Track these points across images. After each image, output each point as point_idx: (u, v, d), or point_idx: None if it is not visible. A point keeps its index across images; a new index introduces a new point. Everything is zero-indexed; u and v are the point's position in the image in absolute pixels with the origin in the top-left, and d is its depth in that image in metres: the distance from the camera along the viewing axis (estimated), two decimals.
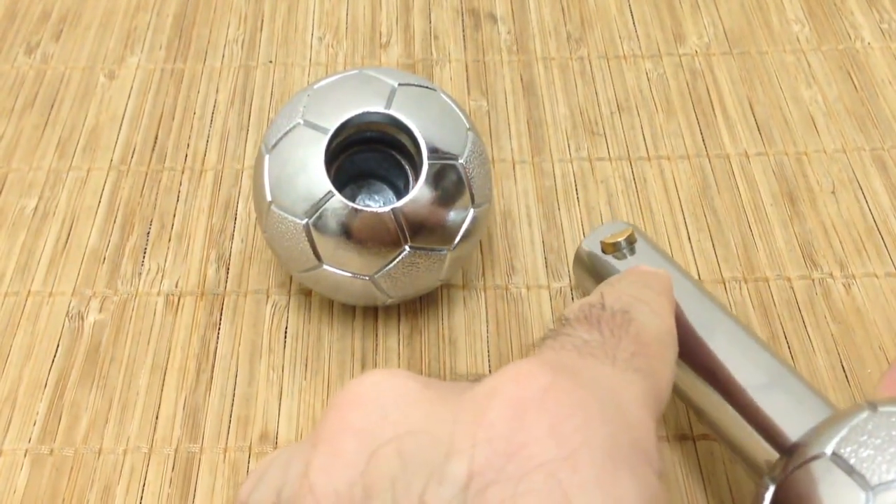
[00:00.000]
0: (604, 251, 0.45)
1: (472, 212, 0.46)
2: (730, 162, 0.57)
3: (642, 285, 0.36)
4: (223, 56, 0.64)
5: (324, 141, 0.45)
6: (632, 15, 0.66)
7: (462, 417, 0.24)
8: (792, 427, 0.35)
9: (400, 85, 0.47)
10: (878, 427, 0.30)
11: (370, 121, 0.46)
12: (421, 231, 0.45)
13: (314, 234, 0.45)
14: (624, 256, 0.44)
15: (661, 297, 0.35)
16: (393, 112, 0.46)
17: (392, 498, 0.23)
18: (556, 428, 0.24)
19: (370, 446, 0.24)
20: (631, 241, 0.44)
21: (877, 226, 0.53)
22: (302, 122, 0.46)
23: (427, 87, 0.48)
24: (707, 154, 0.57)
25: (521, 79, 0.62)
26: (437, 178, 0.45)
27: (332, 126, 0.45)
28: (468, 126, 0.47)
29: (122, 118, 0.60)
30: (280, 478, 0.26)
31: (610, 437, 0.24)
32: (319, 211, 0.44)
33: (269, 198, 0.46)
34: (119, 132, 0.59)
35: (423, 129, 0.46)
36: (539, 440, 0.23)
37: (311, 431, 0.26)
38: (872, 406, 0.31)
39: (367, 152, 0.49)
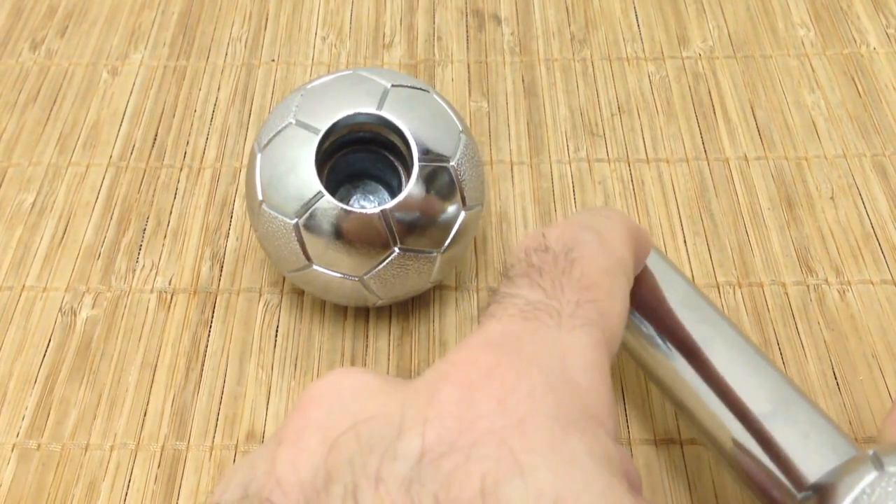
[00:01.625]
0: None
1: (463, 214, 0.46)
2: (729, 166, 0.56)
3: (590, 215, 0.34)
4: (226, 54, 0.64)
5: (315, 141, 0.45)
6: (636, 17, 0.66)
7: (412, 401, 0.25)
8: (808, 464, 0.34)
9: (393, 86, 0.47)
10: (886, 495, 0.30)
11: (361, 121, 0.46)
12: (411, 233, 0.45)
13: (304, 234, 0.45)
14: None
15: (610, 222, 0.34)
16: (384, 113, 0.46)
17: (351, 478, 0.23)
18: (503, 402, 0.24)
19: (331, 437, 0.25)
20: None
21: (874, 232, 0.53)
22: (294, 121, 0.46)
23: (420, 89, 0.48)
24: (706, 157, 0.57)
25: (523, 80, 0.62)
26: (427, 180, 0.45)
27: (324, 126, 0.45)
28: (461, 128, 0.47)
29: (123, 115, 0.60)
30: (247, 476, 0.26)
31: (556, 405, 0.24)
32: (309, 211, 0.45)
33: (260, 197, 0.46)
34: (119, 128, 0.59)
35: (414, 130, 0.46)
36: (487, 415, 0.24)
37: (276, 432, 0.26)
38: (878, 463, 0.31)
39: (362, 153, 0.49)
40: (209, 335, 0.50)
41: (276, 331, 0.50)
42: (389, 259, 0.45)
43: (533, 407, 0.24)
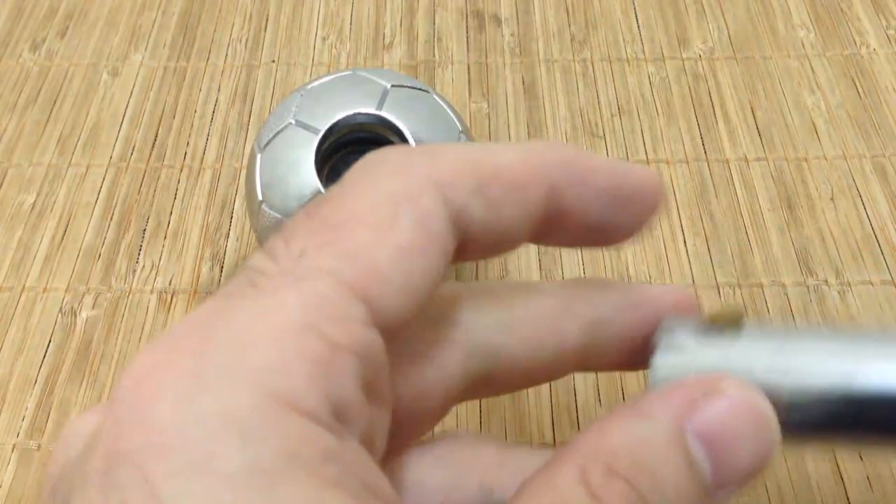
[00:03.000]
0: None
1: None
2: (729, 167, 0.56)
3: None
4: (226, 55, 0.64)
5: (314, 141, 0.45)
6: (636, 18, 0.66)
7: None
8: None
9: (392, 86, 0.47)
10: None
11: (361, 122, 0.46)
12: None
13: None
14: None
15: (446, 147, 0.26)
16: (384, 113, 0.46)
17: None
18: (146, 415, 0.20)
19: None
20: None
21: (874, 233, 0.53)
22: (294, 122, 0.46)
23: (420, 89, 0.48)
24: (706, 158, 0.57)
25: (523, 81, 0.62)
26: None
27: (323, 126, 0.46)
28: (461, 128, 0.47)
29: (124, 115, 0.60)
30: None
31: (219, 401, 0.20)
32: None
33: (260, 197, 0.46)
34: (120, 129, 0.59)
35: (413, 130, 0.46)
36: (132, 428, 0.20)
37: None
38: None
39: (361, 153, 0.49)
40: None
41: None
42: None
43: (180, 417, 0.20)
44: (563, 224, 0.27)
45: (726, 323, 0.27)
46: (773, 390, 0.25)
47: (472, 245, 0.25)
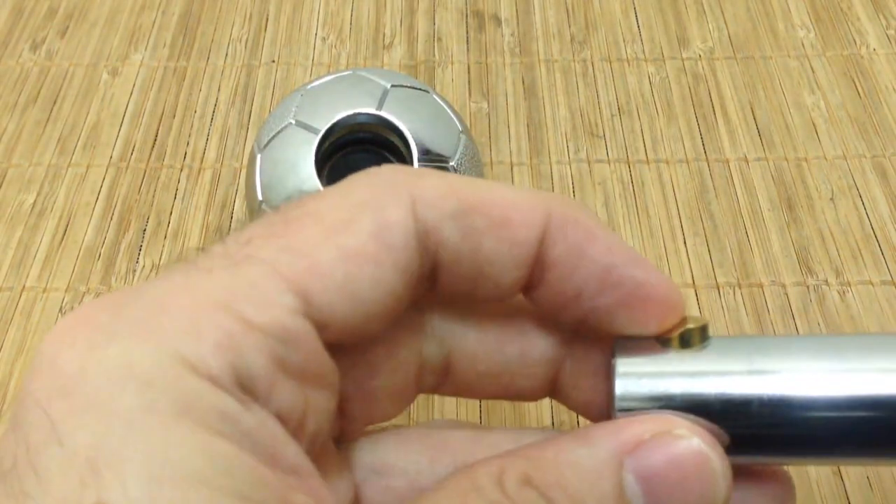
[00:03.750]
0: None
1: None
2: (729, 167, 0.56)
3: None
4: (226, 55, 0.64)
5: (314, 141, 0.45)
6: (636, 18, 0.66)
7: None
8: None
9: (392, 86, 0.47)
10: None
11: (361, 122, 0.46)
12: None
13: None
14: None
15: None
16: (384, 113, 0.46)
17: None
18: (55, 361, 0.21)
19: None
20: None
21: (874, 233, 0.53)
22: (293, 122, 0.46)
23: (420, 89, 0.48)
24: (706, 158, 0.57)
25: (523, 81, 0.62)
26: None
27: (323, 126, 0.45)
28: (461, 128, 0.47)
29: (124, 115, 0.60)
30: None
31: (125, 355, 0.21)
32: None
33: (260, 197, 0.46)
34: (120, 129, 0.59)
35: (414, 130, 0.46)
36: (37, 372, 0.21)
37: None
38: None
39: (361, 153, 0.49)
40: None
41: None
42: None
43: (85, 364, 0.21)
44: (548, 284, 0.26)
45: (690, 336, 0.26)
46: (736, 405, 0.25)
47: (446, 275, 0.25)
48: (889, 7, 0.65)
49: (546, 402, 0.47)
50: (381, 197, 0.24)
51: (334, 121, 0.46)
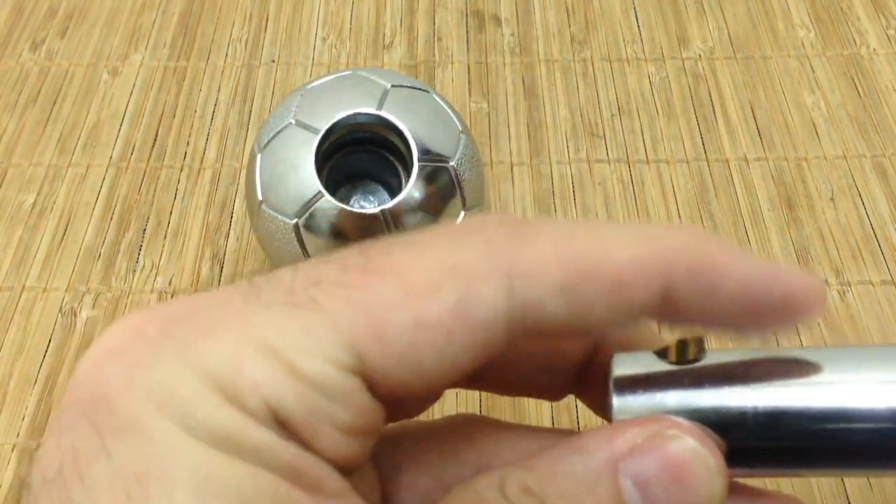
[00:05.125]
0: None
1: (463, 214, 0.46)
2: (729, 167, 0.56)
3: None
4: (226, 55, 0.64)
5: (314, 141, 0.45)
6: (636, 18, 0.66)
7: None
8: None
9: (392, 86, 0.47)
10: None
11: (361, 122, 0.46)
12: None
13: (304, 234, 0.45)
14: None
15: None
16: (384, 113, 0.46)
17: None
18: (101, 373, 0.22)
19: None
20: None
21: (874, 233, 0.53)
22: (293, 122, 0.46)
23: (420, 89, 0.48)
24: (706, 158, 0.57)
25: (523, 81, 0.62)
26: (427, 180, 0.45)
27: (323, 126, 0.45)
28: (461, 128, 0.47)
29: (124, 115, 0.60)
30: None
31: (169, 377, 0.21)
32: (309, 211, 0.45)
33: (260, 197, 0.46)
34: (120, 129, 0.59)
35: (414, 130, 0.46)
36: (87, 385, 0.22)
37: None
38: None
39: (362, 153, 0.49)
40: None
41: None
42: None
43: (130, 381, 0.21)
44: (676, 324, 0.24)
45: (687, 348, 0.25)
46: (732, 417, 0.24)
47: (539, 336, 0.24)
48: (889, 7, 0.65)
49: (546, 402, 0.47)
50: (475, 264, 0.22)
51: (334, 121, 0.46)
